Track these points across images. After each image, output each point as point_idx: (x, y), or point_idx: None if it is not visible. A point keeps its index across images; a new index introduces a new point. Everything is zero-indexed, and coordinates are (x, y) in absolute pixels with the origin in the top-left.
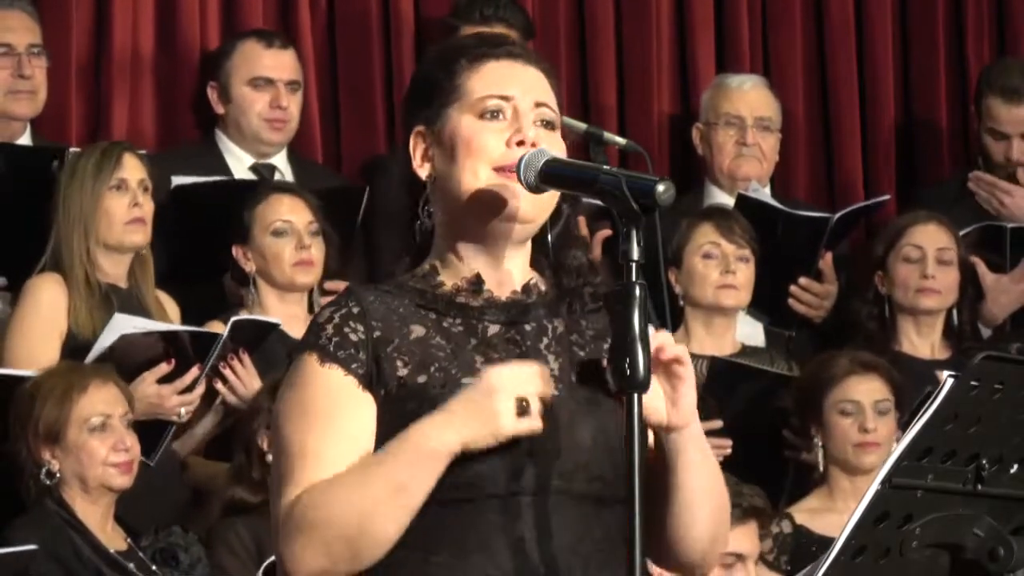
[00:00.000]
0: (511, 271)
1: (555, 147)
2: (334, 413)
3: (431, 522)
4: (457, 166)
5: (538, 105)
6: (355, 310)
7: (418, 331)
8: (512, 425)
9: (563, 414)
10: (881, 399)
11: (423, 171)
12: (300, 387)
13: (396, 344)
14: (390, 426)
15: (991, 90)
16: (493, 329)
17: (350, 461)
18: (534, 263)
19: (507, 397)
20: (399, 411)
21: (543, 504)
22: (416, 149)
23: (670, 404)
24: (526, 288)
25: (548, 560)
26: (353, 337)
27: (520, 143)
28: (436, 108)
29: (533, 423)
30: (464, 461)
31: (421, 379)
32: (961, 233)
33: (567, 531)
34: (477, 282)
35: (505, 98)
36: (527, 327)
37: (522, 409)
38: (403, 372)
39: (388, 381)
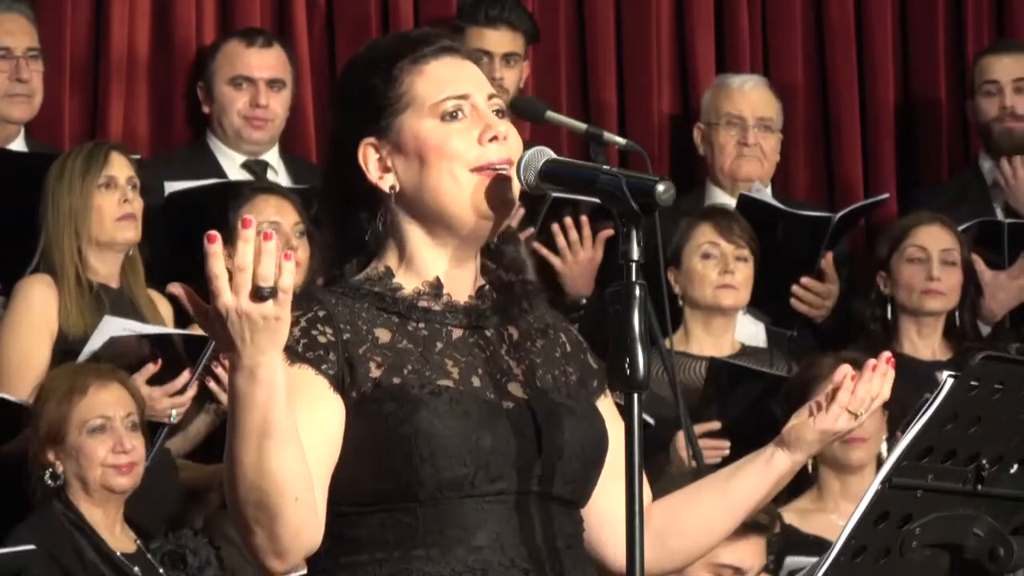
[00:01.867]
0: (467, 275)
1: (514, 134)
2: (303, 407)
3: (411, 519)
4: (431, 172)
5: (490, 97)
6: (321, 313)
7: (384, 335)
8: (256, 308)
9: (538, 417)
10: None
11: (384, 183)
12: None
13: (367, 347)
14: (369, 428)
15: (986, 53)
16: (457, 333)
17: (315, 452)
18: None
19: (222, 297)
20: (376, 412)
21: (521, 503)
22: (368, 161)
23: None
24: (480, 293)
25: (527, 556)
26: (322, 339)
27: (493, 139)
28: (387, 118)
29: (283, 286)
30: (445, 463)
31: (396, 380)
32: (959, 229)
33: (543, 529)
34: (437, 286)
35: (462, 96)
36: (488, 332)
37: (263, 293)
38: (376, 374)
39: (361, 383)
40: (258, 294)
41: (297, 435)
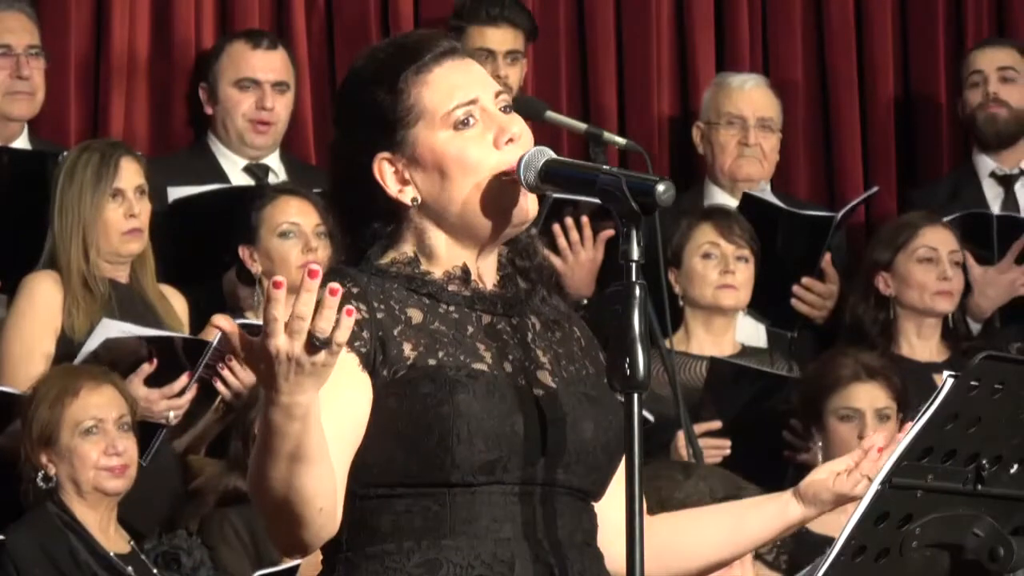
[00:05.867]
0: (491, 264)
1: (526, 131)
2: (330, 384)
3: (439, 507)
4: (454, 184)
5: (497, 95)
6: (354, 290)
7: (416, 315)
8: (306, 356)
9: (565, 408)
10: (883, 407)
11: (404, 196)
12: None
13: (401, 328)
14: (402, 408)
15: (973, 49)
16: (486, 319)
17: (338, 432)
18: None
19: (275, 339)
20: (412, 392)
21: (548, 495)
22: (384, 176)
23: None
24: (503, 282)
25: (551, 549)
26: (356, 316)
27: (510, 141)
28: (400, 132)
29: (339, 340)
30: (482, 445)
31: (432, 361)
32: (945, 220)
33: (565, 522)
34: (466, 271)
35: (471, 102)
36: (513, 320)
37: (317, 343)
38: (411, 355)
39: (395, 363)
40: (312, 343)
41: (327, 452)
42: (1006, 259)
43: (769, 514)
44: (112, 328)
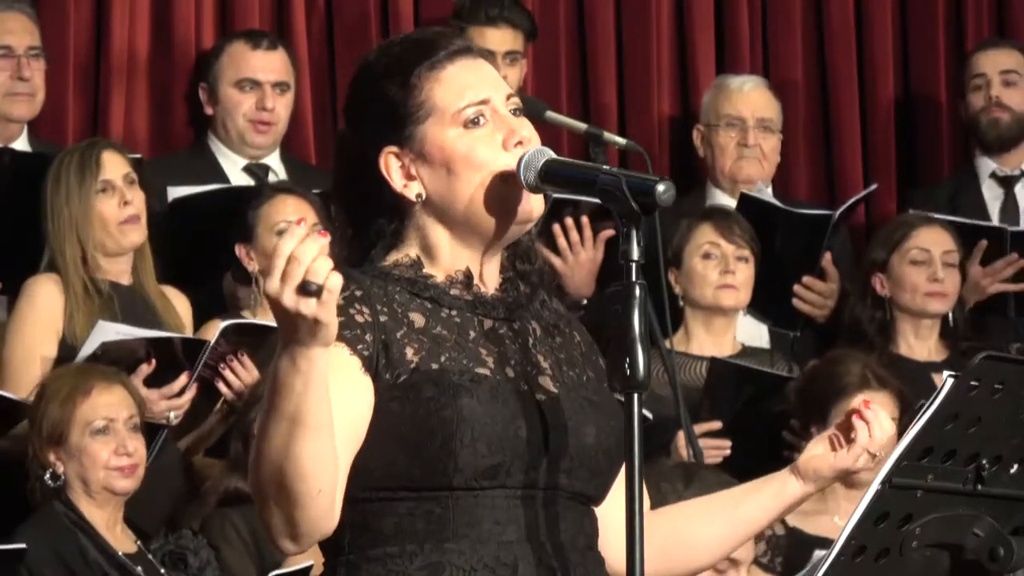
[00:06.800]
0: (493, 268)
1: (535, 134)
2: (331, 386)
3: (442, 510)
4: (460, 181)
5: (508, 97)
6: (358, 293)
7: (418, 319)
8: (297, 303)
9: (567, 412)
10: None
11: (409, 191)
12: None
13: (404, 331)
14: (406, 412)
15: (974, 52)
16: (487, 324)
17: (338, 433)
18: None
19: (284, 293)
20: (415, 396)
21: (550, 499)
22: (390, 170)
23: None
24: (505, 287)
25: (554, 552)
26: (359, 319)
27: (518, 143)
28: (409, 127)
29: (329, 290)
30: (485, 449)
31: (435, 366)
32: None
33: (568, 526)
34: (469, 276)
35: (483, 102)
36: (515, 325)
37: (310, 288)
38: (414, 359)
39: (397, 367)
40: (305, 288)
41: (331, 429)
42: (970, 260)
43: (767, 496)
44: (108, 331)
